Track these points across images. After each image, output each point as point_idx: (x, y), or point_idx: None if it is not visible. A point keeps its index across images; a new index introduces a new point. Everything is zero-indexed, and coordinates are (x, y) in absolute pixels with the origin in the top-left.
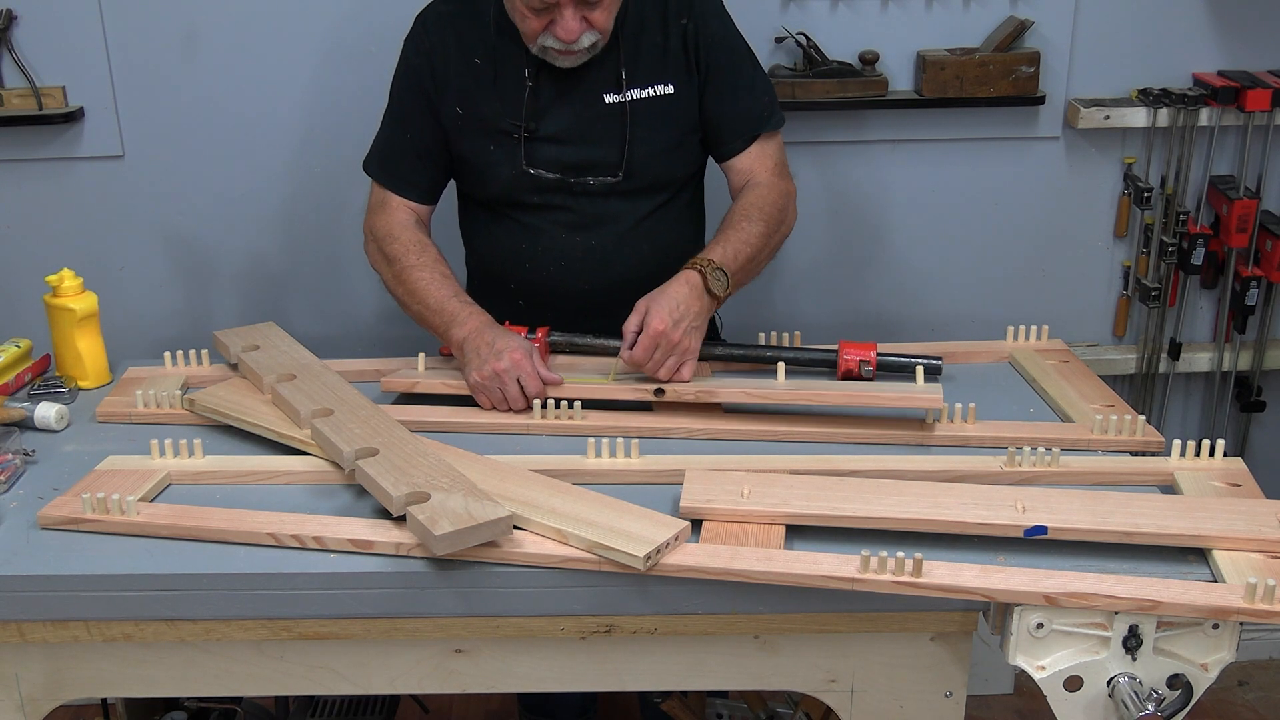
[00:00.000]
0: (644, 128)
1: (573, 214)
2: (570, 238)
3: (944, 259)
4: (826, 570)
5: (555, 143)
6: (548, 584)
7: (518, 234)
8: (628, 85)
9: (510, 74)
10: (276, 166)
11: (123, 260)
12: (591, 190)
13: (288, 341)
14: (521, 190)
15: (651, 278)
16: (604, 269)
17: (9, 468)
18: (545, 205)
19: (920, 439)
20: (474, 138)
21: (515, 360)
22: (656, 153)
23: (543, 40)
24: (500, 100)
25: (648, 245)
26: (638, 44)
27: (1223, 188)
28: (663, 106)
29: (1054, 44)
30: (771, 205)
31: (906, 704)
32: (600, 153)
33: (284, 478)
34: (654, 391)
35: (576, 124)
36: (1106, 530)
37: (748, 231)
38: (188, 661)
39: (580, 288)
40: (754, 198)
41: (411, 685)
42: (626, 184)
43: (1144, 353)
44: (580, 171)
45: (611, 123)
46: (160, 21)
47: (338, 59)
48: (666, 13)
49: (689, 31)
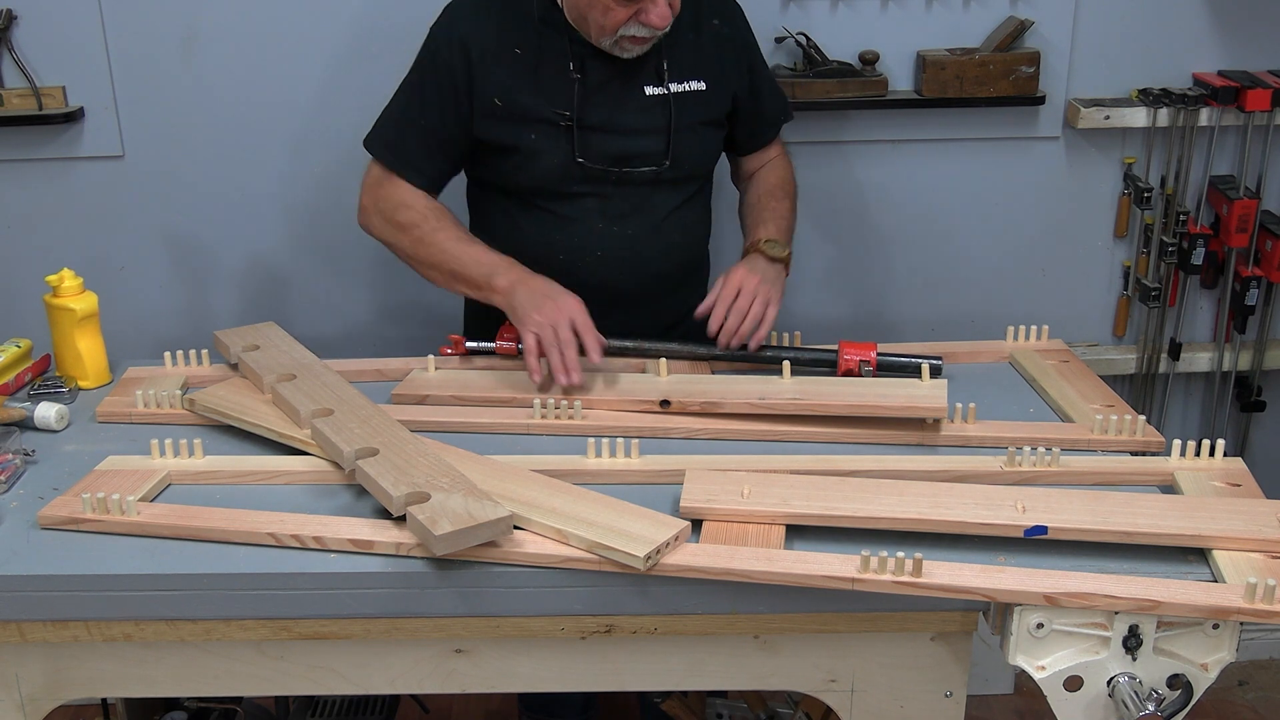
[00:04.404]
0: (684, 119)
1: (613, 203)
2: (608, 227)
3: (944, 259)
4: (826, 570)
5: (601, 132)
6: (548, 584)
7: (551, 225)
8: (668, 78)
9: (552, 64)
10: (276, 166)
11: (123, 260)
12: (635, 180)
13: (288, 341)
14: (567, 180)
15: (679, 269)
16: (638, 260)
17: (9, 468)
18: (586, 194)
19: (921, 439)
20: (514, 127)
21: (575, 306)
22: (694, 144)
23: (625, 30)
24: (542, 91)
25: (679, 234)
26: (674, 40)
27: (1223, 188)
28: (697, 100)
29: (1054, 44)
30: (788, 183)
31: (906, 704)
32: (644, 143)
33: (284, 478)
34: (660, 403)
35: (621, 114)
36: (1106, 530)
37: (777, 209)
38: (188, 661)
39: (613, 278)
40: (774, 179)
41: (411, 685)
42: (670, 173)
43: (1144, 353)
44: (626, 161)
45: (654, 114)
46: (160, 21)
47: (338, 59)
48: (699, 14)
49: (724, 34)
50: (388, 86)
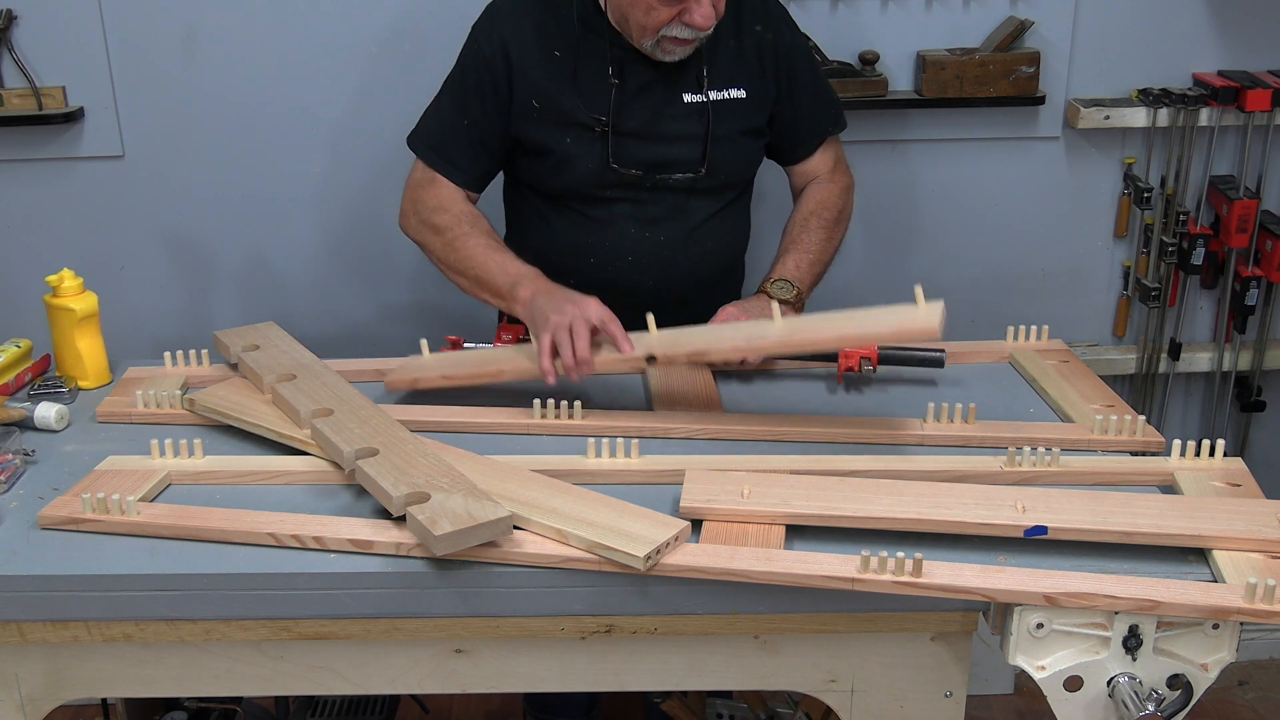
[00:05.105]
0: (722, 127)
1: (647, 209)
2: (640, 233)
3: (944, 259)
4: (826, 570)
5: (636, 138)
6: (548, 584)
7: (584, 228)
8: (707, 86)
9: (591, 68)
10: (277, 166)
11: (123, 260)
12: (670, 186)
13: (288, 341)
14: (601, 185)
15: (713, 276)
16: (670, 266)
17: (9, 468)
18: (620, 199)
19: (920, 439)
20: (550, 130)
21: (593, 305)
22: (731, 152)
23: (667, 30)
24: (579, 94)
25: (712, 242)
26: (715, 47)
27: (1223, 188)
28: (736, 109)
29: (1054, 44)
30: (830, 207)
31: (906, 704)
32: (680, 150)
33: (284, 478)
34: (646, 359)
35: (658, 121)
36: (1106, 530)
37: (806, 242)
38: (188, 661)
39: (645, 284)
40: (813, 203)
41: (411, 685)
42: (706, 181)
43: (1144, 353)
44: (661, 168)
45: (691, 121)
46: (160, 21)
47: (338, 58)
48: (741, 19)
49: (765, 40)
50: (388, 86)
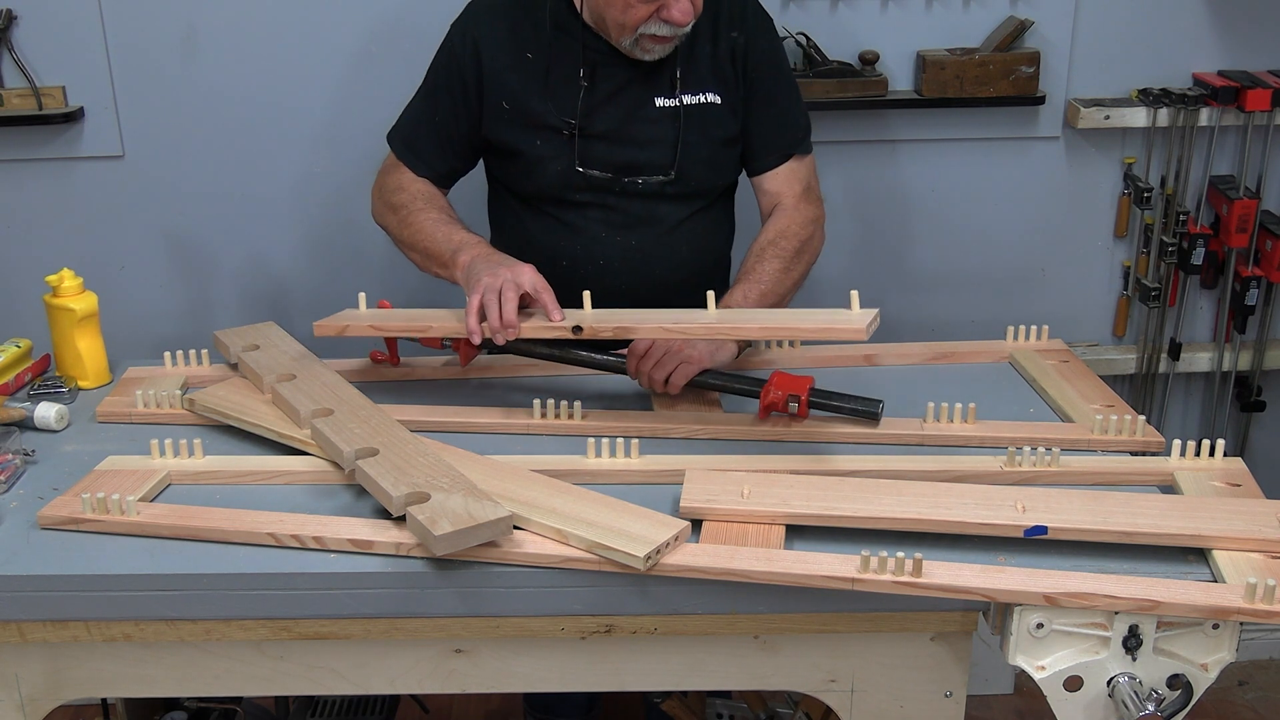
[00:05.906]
0: (694, 132)
1: (617, 213)
2: (611, 237)
3: (944, 259)
4: (826, 570)
5: (605, 141)
6: (548, 584)
7: (556, 230)
8: (680, 90)
9: (563, 71)
10: (277, 166)
11: (123, 260)
12: (639, 191)
13: (288, 341)
14: (569, 188)
15: (687, 280)
16: (643, 269)
17: (9, 468)
18: (590, 204)
19: (920, 439)
20: (520, 132)
21: (527, 271)
22: (703, 158)
23: (645, 28)
24: (550, 97)
25: (686, 247)
26: (690, 51)
27: (1223, 188)
28: (709, 114)
29: (1054, 44)
30: (790, 238)
31: (906, 704)
32: (650, 154)
33: (284, 478)
34: (572, 329)
35: (628, 124)
36: (1106, 530)
37: (760, 273)
38: (188, 661)
39: (617, 287)
40: (773, 233)
41: (411, 685)
42: (675, 186)
43: (1144, 353)
44: (630, 171)
45: (663, 125)
46: (160, 21)
47: (338, 59)
48: (718, 24)
49: (738, 45)
50: (387, 86)
